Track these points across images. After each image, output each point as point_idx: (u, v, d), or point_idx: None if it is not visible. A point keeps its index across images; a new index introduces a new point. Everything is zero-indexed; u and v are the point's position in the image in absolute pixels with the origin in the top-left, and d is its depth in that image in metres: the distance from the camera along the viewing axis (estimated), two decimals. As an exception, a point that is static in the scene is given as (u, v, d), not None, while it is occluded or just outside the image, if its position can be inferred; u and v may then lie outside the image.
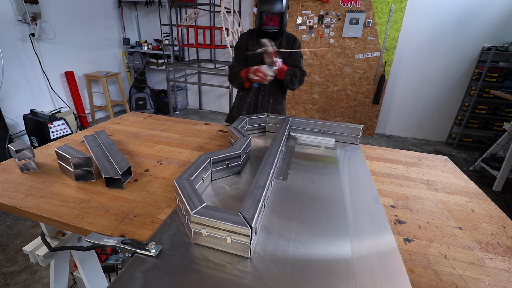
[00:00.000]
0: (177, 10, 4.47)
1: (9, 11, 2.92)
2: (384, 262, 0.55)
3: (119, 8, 4.41)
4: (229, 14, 3.63)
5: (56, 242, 0.88)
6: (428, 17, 3.63)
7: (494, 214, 0.80)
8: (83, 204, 0.72)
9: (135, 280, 0.48)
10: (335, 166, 0.97)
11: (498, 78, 3.51)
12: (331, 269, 0.52)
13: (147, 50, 4.66)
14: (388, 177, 0.98)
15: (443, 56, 3.77)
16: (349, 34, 3.82)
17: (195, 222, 0.55)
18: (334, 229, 0.64)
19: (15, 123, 3.13)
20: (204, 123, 1.42)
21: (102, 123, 1.35)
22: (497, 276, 0.58)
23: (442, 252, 0.63)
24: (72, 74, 3.71)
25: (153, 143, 1.14)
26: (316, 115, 4.42)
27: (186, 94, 5.18)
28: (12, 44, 3.01)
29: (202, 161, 0.76)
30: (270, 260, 0.54)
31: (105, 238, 0.57)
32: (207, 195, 0.76)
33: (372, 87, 3.99)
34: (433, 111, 4.08)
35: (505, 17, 3.43)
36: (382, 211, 0.72)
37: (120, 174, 0.78)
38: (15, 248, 1.82)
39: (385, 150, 1.22)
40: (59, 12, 3.47)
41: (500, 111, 3.67)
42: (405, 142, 4.16)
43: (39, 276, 1.63)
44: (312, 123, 1.19)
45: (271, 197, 0.75)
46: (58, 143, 1.07)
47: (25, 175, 0.85)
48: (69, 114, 3.41)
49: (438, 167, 1.09)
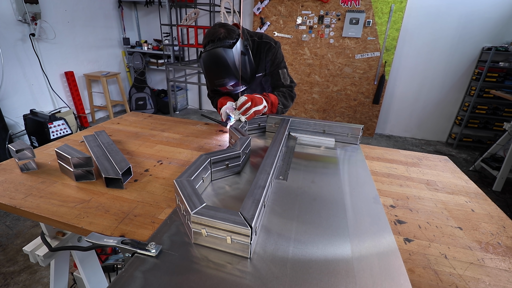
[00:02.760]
0: (177, 10, 4.47)
1: (9, 11, 2.92)
2: (384, 262, 0.55)
3: (119, 8, 4.41)
4: (229, 14, 3.63)
5: (56, 242, 0.88)
6: (428, 17, 3.63)
7: (494, 214, 0.80)
8: (83, 204, 0.72)
9: (135, 280, 0.48)
10: (335, 166, 0.97)
11: (498, 78, 3.51)
12: (331, 269, 0.52)
13: (147, 50, 4.66)
14: (388, 177, 0.98)
15: (443, 56, 3.78)
16: (349, 34, 3.82)
17: (195, 222, 0.54)
18: (334, 229, 0.64)
19: (15, 123, 3.13)
20: (204, 123, 1.42)
21: (102, 123, 1.35)
22: (497, 276, 0.58)
23: (442, 252, 0.63)
24: (72, 74, 3.71)
25: (153, 143, 1.14)
26: (316, 115, 4.42)
27: (186, 94, 5.18)
28: (12, 44, 3.01)
29: (202, 161, 0.76)
30: (270, 260, 0.54)
31: (105, 238, 0.57)
32: (207, 195, 0.76)
33: (372, 87, 3.99)
34: (433, 111, 4.08)
35: (505, 17, 3.43)
36: (382, 211, 0.72)
37: (120, 174, 0.78)
38: (15, 248, 1.82)
39: (385, 150, 1.22)
40: (59, 12, 3.47)
41: (500, 111, 3.67)
42: (405, 142, 4.16)
43: (39, 276, 1.63)
44: (312, 123, 1.19)
45: (271, 197, 0.75)
46: (58, 143, 1.07)
47: (25, 175, 0.85)
48: (69, 114, 3.41)
49: (438, 167, 1.09)
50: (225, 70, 1.18)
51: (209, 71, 1.21)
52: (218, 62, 1.16)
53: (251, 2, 4.14)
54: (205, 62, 1.19)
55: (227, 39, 1.17)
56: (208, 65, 1.19)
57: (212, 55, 1.16)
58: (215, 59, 1.16)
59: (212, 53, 1.16)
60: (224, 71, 1.18)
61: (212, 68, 1.19)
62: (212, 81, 1.22)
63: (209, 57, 1.17)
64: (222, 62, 1.16)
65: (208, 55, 1.17)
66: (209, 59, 1.18)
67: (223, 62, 1.16)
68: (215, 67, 1.19)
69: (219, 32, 1.17)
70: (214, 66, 1.18)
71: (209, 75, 1.22)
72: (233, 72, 1.18)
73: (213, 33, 1.18)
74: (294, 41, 4.09)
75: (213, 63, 1.18)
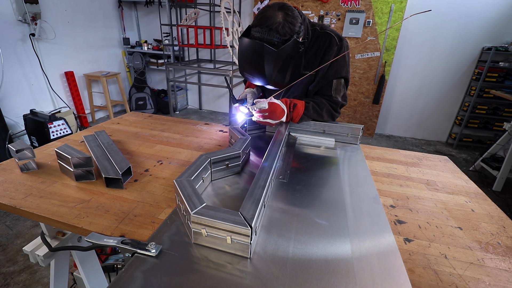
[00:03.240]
0: (177, 10, 4.46)
1: (9, 11, 2.92)
2: (384, 262, 0.55)
3: (119, 8, 4.41)
4: (229, 14, 3.63)
5: (56, 242, 0.88)
6: (428, 17, 3.63)
7: (494, 214, 0.80)
8: (83, 204, 0.72)
9: (135, 280, 0.48)
10: (335, 166, 0.97)
11: (498, 78, 3.51)
12: (331, 269, 0.52)
13: (147, 50, 4.66)
14: (388, 177, 0.98)
15: (443, 56, 3.77)
16: (349, 34, 3.82)
17: (195, 222, 0.54)
18: (334, 229, 0.64)
19: (15, 123, 3.13)
20: (204, 123, 1.42)
21: (102, 123, 1.35)
22: (497, 276, 0.58)
23: (442, 252, 0.63)
24: (72, 74, 3.71)
25: (153, 143, 1.14)
26: (316, 115, 4.42)
27: (186, 94, 5.18)
28: (12, 44, 3.00)
29: (202, 161, 0.76)
30: (270, 260, 0.54)
31: (105, 238, 0.57)
32: (207, 195, 0.76)
33: (372, 87, 3.99)
34: (433, 111, 4.08)
35: (505, 17, 3.43)
36: (382, 211, 0.72)
37: (120, 174, 0.78)
38: (15, 248, 1.82)
39: (385, 150, 1.22)
40: (59, 12, 3.46)
41: (500, 111, 3.67)
42: (405, 142, 4.16)
43: (39, 276, 1.63)
44: (312, 123, 1.19)
45: (271, 197, 0.75)
46: (58, 143, 1.07)
47: (25, 175, 0.85)
48: (69, 114, 3.41)
49: (438, 167, 1.09)
50: (257, 68, 1.00)
51: (241, 59, 1.04)
52: (254, 57, 0.98)
53: (251, 2, 4.14)
54: (241, 49, 1.02)
55: (279, 34, 0.94)
56: (243, 54, 1.02)
57: (251, 47, 0.97)
58: (251, 52, 0.98)
59: (251, 45, 0.97)
60: (256, 69, 1.00)
61: (245, 59, 1.02)
62: (241, 69, 1.06)
63: (247, 47, 0.99)
64: (257, 60, 0.98)
65: (248, 44, 0.98)
66: (246, 49, 1.00)
67: (258, 60, 0.97)
68: (249, 60, 1.01)
69: (274, 19, 0.94)
70: (248, 58, 1.01)
71: (240, 62, 1.05)
72: (266, 74, 1.00)
73: (268, 17, 0.94)
74: (294, 41, 4.08)
75: (249, 55, 1.00)
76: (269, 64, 0.97)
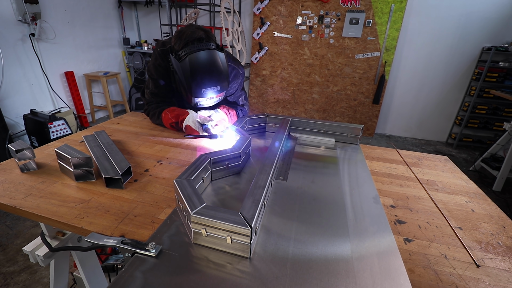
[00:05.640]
0: (177, 10, 4.46)
1: (9, 11, 2.92)
2: (384, 262, 0.55)
3: (119, 8, 4.41)
4: (229, 14, 3.63)
5: (56, 242, 0.88)
6: (428, 17, 3.63)
7: (494, 214, 0.80)
8: (83, 204, 0.72)
9: (135, 280, 0.48)
10: (335, 166, 0.97)
11: (498, 78, 3.51)
12: (331, 269, 0.52)
13: (147, 50, 4.66)
14: (388, 177, 0.98)
15: (443, 56, 3.78)
16: (349, 34, 3.82)
17: (195, 222, 0.54)
18: (334, 229, 0.64)
19: (15, 123, 3.13)
20: (204, 123, 1.42)
21: (102, 123, 1.35)
22: (497, 276, 0.58)
23: (442, 252, 0.63)
24: (72, 74, 3.71)
25: (153, 143, 1.14)
26: (316, 115, 4.42)
27: (186, 94, 5.17)
28: (12, 44, 3.00)
29: (202, 161, 0.76)
30: (270, 260, 0.54)
31: (105, 238, 0.57)
32: (207, 195, 0.76)
33: (372, 87, 3.99)
34: (433, 111, 4.08)
35: (505, 17, 3.43)
36: (382, 211, 0.72)
37: (120, 174, 0.78)
38: (15, 248, 1.82)
39: (385, 150, 1.22)
40: (59, 12, 3.46)
41: (500, 111, 3.67)
42: (405, 142, 4.16)
43: (39, 276, 1.63)
44: (312, 123, 1.19)
45: (271, 197, 0.75)
46: (58, 143, 1.07)
47: (25, 175, 0.85)
48: (69, 114, 3.41)
49: (438, 167, 1.09)
50: (218, 74, 1.02)
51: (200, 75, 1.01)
52: (212, 66, 1.00)
53: (251, 2, 4.14)
54: (195, 65, 1.00)
55: (212, 41, 1.01)
56: (199, 69, 1.00)
57: (205, 57, 0.98)
58: (208, 61, 0.98)
59: (207, 55, 0.98)
60: (217, 76, 1.03)
61: (204, 72, 1.00)
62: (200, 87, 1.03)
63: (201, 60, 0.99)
64: (217, 66, 1.01)
65: (203, 56, 0.99)
66: (201, 61, 1.00)
67: (218, 65, 1.01)
68: (207, 70, 1.01)
69: (198, 33, 1.01)
70: (206, 69, 1.01)
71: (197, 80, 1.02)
72: (226, 77, 1.05)
73: (193, 32, 1.01)
74: (294, 41, 4.09)
75: (206, 66, 1.00)
76: (224, 67, 1.06)
